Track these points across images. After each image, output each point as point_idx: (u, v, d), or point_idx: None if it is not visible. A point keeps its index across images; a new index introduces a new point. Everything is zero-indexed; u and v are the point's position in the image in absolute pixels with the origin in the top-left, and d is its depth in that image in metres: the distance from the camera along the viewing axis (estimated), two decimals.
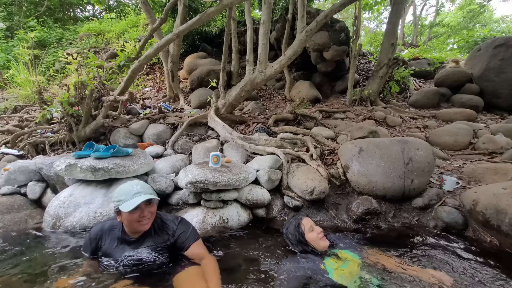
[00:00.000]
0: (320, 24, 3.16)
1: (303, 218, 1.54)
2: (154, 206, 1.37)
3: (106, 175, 2.04)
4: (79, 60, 3.60)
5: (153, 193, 1.36)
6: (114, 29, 8.45)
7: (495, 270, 1.48)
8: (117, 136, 3.29)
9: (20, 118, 4.19)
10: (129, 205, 1.24)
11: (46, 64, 6.85)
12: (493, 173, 2.37)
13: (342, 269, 1.31)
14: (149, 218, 1.34)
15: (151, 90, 6.13)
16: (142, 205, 1.28)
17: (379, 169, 2.17)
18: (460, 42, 9.85)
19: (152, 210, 1.35)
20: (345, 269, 1.31)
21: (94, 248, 1.42)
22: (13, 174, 2.31)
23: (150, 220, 1.35)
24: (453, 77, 5.27)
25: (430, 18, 15.72)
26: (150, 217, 1.35)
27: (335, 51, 5.27)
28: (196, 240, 1.44)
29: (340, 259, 1.39)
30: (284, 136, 3.08)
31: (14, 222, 1.98)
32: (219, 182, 1.95)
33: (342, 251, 1.48)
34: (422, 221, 2.08)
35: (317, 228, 1.50)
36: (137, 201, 1.25)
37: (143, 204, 1.28)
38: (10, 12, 8.38)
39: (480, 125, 3.94)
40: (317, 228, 1.51)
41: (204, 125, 3.57)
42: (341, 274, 1.28)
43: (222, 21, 8.16)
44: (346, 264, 1.35)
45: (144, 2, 5.01)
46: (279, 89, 6.36)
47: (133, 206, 1.23)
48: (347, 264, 1.35)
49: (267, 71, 3.31)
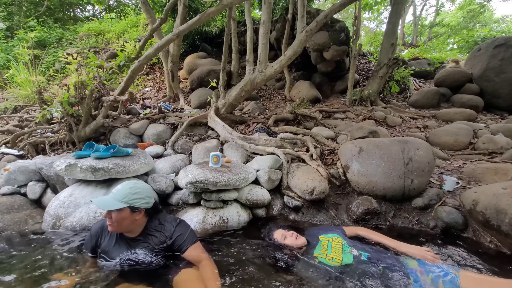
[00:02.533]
0: (320, 24, 3.16)
1: (274, 233, 1.66)
2: (113, 214, 1.29)
3: (106, 175, 2.04)
4: (79, 60, 3.60)
5: (123, 200, 1.29)
6: (114, 29, 8.45)
7: (495, 270, 1.48)
8: (117, 136, 3.29)
9: (20, 118, 4.19)
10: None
11: (46, 64, 6.85)
12: (493, 173, 2.37)
13: (329, 254, 1.42)
14: (111, 224, 1.31)
15: (151, 90, 6.13)
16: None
17: (379, 169, 2.17)
18: (460, 42, 9.85)
19: (110, 217, 1.30)
20: (331, 252, 1.43)
21: (94, 245, 1.42)
22: (13, 174, 2.31)
23: (112, 225, 1.31)
24: (453, 77, 5.27)
25: (430, 18, 15.75)
26: (111, 223, 1.31)
27: (335, 51, 5.27)
28: (194, 243, 1.43)
29: (324, 246, 1.49)
30: (284, 136, 3.08)
31: (14, 222, 1.98)
32: (219, 182, 1.95)
33: (322, 236, 1.57)
34: (422, 221, 2.07)
35: (288, 233, 1.61)
36: (95, 203, 1.30)
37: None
38: (10, 12, 8.38)
39: (480, 125, 3.94)
40: (288, 232, 1.61)
41: (204, 125, 3.57)
42: (332, 257, 1.39)
43: (222, 21, 8.16)
44: (330, 249, 1.45)
45: (144, 2, 5.01)
46: (279, 89, 6.36)
47: (95, 205, 1.31)
48: (331, 248, 1.46)
49: (267, 71, 3.31)
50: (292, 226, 2.07)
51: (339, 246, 1.46)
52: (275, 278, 1.36)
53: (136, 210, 1.34)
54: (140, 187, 1.38)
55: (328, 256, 1.40)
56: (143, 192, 1.37)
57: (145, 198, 1.37)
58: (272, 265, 1.48)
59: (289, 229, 1.66)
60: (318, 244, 1.52)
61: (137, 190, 1.35)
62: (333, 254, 1.40)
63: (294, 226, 2.08)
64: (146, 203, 1.37)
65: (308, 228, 1.89)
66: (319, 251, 1.46)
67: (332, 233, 1.58)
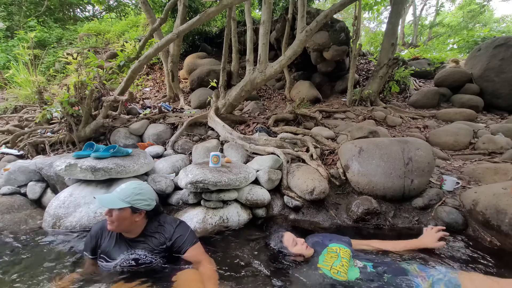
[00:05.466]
0: (320, 24, 3.16)
1: (284, 235, 1.56)
2: (113, 212, 1.29)
3: (106, 175, 2.04)
4: (79, 60, 3.60)
5: (125, 200, 1.29)
6: (114, 29, 8.44)
7: (495, 270, 1.48)
8: (117, 136, 3.29)
9: (20, 118, 4.18)
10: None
11: (46, 64, 6.85)
12: (493, 173, 2.37)
13: (335, 267, 1.34)
14: (111, 223, 1.31)
15: (151, 90, 6.13)
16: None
17: (379, 169, 2.17)
18: (460, 42, 9.85)
19: (111, 215, 1.29)
20: (338, 265, 1.35)
21: (94, 245, 1.42)
22: (13, 174, 2.31)
23: (112, 224, 1.31)
24: (453, 77, 5.27)
25: (430, 18, 15.74)
26: (110, 222, 1.31)
27: (335, 51, 5.27)
28: (193, 244, 1.42)
29: (331, 256, 1.42)
30: (284, 136, 3.08)
31: (14, 222, 1.98)
32: (219, 182, 1.95)
33: (329, 247, 1.49)
34: (422, 221, 2.08)
35: (299, 240, 1.53)
36: (98, 200, 1.31)
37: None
38: (10, 12, 8.38)
39: (480, 125, 3.94)
40: (299, 239, 1.53)
41: (204, 125, 3.57)
42: (338, 271, 1.32)
43: (222, 21, 8.17)
44: (338, 260, 1.38)
45: (144, 2, 5.01)
46: (279, 89, 6.36)
47: (98, 201, 1.31)
48: (339, 260, 1.38)
49: (267, 71, 3.31)
50: (292, 226, 2.08)
51: (347, 259, 1.38)
52: (275, 280, 1.36)
53: (137, 211, 1.33)
54: (143, 188, 1.38)
55: (333, 268, 1.33)
56: (146, 194, 1.37)
57: (147, 200, 1.37)
58: (272, 265, 1.48)
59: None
60: (322, 254, 1.45)
61: (140, 191, 1.35)
62: (339, 267, 1.33)
63: (295, 226, 2.08)
64: (148, 205, 1.37)
65: (305, 232, 1.83)
66: (323, 261, 1.40)
67: (340, 244, 1.50)
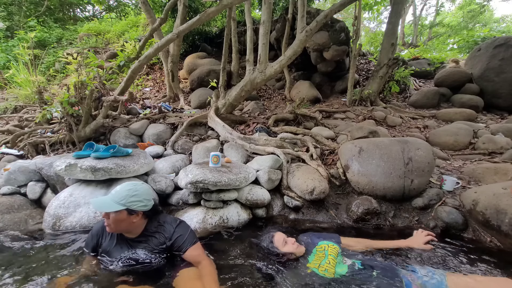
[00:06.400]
0: (320, 24, 3.16)
1: (275, 235, 1.57)
2: (110, 215, 1.28)
3: (106, 175, 2.04)
4: (79, 60, 3.60)
5: (120, 203, 1.28)
6: (114, 29, 8.44)
7: (495, 270, 1.48)
8: (117, 136, 3.29)
9: (20, 118, 4.18)
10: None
11: (46, 64, 6.85)
12: (493, 173, 2.37)
13: (322, 265, 1.37)
14: (109, 225, 1.31)
15: (151, 90, 6.13)
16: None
17: (379, 169, 2.17)
18: (460, 42, 9.84)
19: (108, 218, 1.29)
20: (325, 263, 1.37)
21: (95, 244, 1.42)
22: (13, 174, 2.30)
23: (110, 226, 1.31)
24: (453, 77, 5.27)
25: (430, 18, 15.74)
26: (108, 225, 1.31)
27: (335, 51, 5.27)
28: (193, 244, 1.42)
29: (319, 256, 1.44)
30: (284, 136, 3.08)
31: (14, 222, 1.98)
32: (219, 182, 1.95)
33: (318, 245, 1.51)
34: (422, 221, 2.08)
35: (289, 239, 1.53)
36: (93, 204, 1.32)
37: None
38: (10, 12, 8.37)
39: (480, 125, 3.94)
40: (290, 239, 1.53)
41: (204, 125, 3.57)
42: (325, 268, 1.35)
43: (222, 21, 8.16)
44: (325, 258, 1.40)
45: (144, 2, 5.01)
46: (279, 89, 6.36)
47: (92, 205, 1.33)
48: (326, 258, 1.40)
49: (267, 71, 3.31)
50: (292, 227, 2.08)
51: (334, 256, 1.41)
52: (271, 280, 1.36)
53: (134, 212, 1.32)
54: (138, 189, 1.36)
55: (321, 266, 1.36)
56: (141, 195, 1.35)
57: (143, 201, 1.35)
58: (272, 265, 1.47)
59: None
60: (312, 253, 1.47)
61: (135, 193, 1.33)
62: (326, 265, 1.36)
63: (294, 226, 2.08)
64: (144, 206, 1.36)
65: (305, 232, 1.81)
66: (313, 260, 1.42)
67: (328, 241, 1.52)
